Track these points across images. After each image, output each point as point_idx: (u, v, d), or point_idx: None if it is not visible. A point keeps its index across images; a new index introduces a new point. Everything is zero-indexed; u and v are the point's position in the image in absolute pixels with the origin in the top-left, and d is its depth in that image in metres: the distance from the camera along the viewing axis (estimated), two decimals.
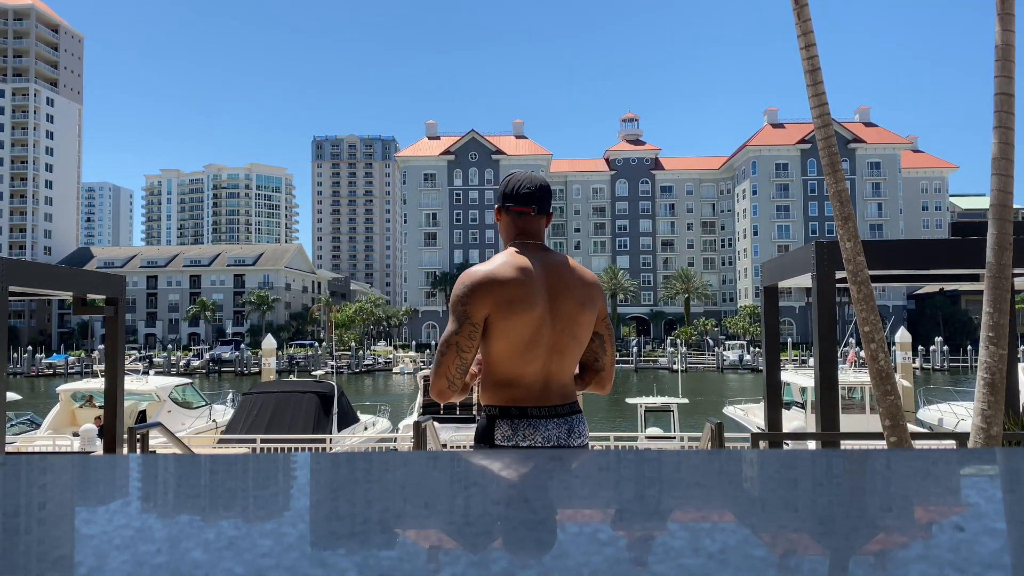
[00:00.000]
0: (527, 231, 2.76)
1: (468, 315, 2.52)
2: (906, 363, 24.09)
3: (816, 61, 5.51)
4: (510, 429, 2.57)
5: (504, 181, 2.84)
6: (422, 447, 8.89)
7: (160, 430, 8.82)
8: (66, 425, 17.54)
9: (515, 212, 2.76)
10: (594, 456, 1.14)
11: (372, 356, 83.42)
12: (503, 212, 2.79)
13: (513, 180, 2.81)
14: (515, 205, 2.76)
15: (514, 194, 2.77)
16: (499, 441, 2.58)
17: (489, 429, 2.60)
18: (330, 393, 16.75)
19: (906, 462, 1.10)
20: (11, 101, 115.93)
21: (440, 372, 2.53)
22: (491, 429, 2.59)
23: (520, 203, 2.76)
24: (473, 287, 2.54)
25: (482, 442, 2.62)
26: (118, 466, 1.12)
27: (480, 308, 2.52)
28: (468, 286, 2.55)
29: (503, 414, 2.59)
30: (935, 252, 8.72)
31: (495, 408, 2.61)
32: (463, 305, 2.53)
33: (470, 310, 2.53)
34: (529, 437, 2.57)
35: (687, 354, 76.77)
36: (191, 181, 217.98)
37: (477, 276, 2.57)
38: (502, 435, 2.58)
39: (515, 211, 2.76)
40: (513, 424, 2.58)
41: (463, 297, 2.53)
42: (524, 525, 0.75)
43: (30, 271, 9.01)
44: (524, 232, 2.76)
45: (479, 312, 2.53)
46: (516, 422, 2.58)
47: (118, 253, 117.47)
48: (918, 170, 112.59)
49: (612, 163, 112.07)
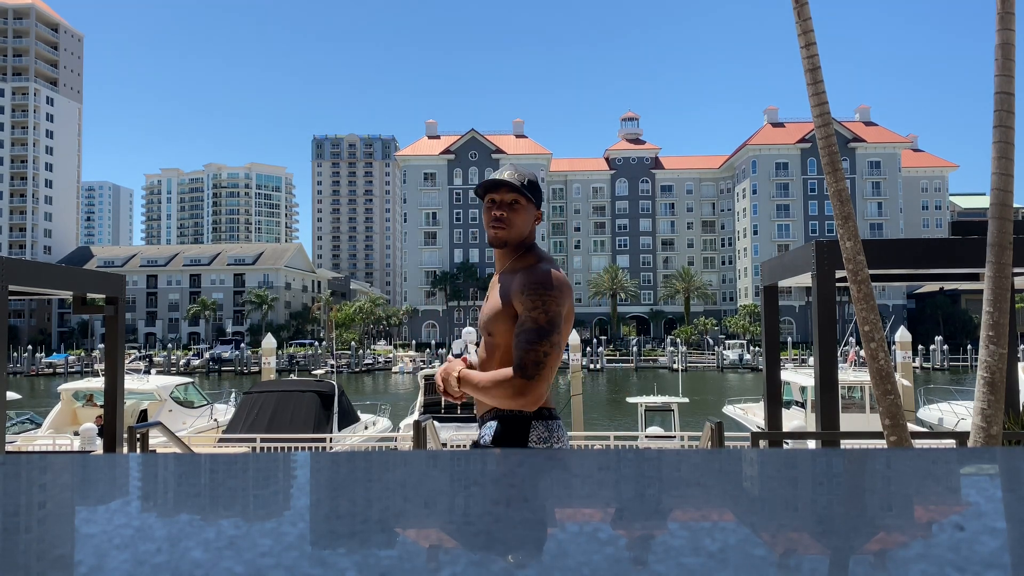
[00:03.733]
0: (534, 236, 2.75)
1: (560, 320, 2.48)
2: (906, 362, 24.07)
3: (816, 60, 5.51)
4: (546, 431, 2.53)
5: (537, 181, 2.73)
6: (422, 446, 8.90)
7: (160, 429, 8.83)
8: (67, 424, 17.55)
9: (537, 219, 2.72)
10: (594, 456, 1.14)
11: (372, 355, 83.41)
12: (534, 209, 2.70)
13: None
14: (539, 213, 2.73)
15: (541, 198, 2.73)
16: (533, 443, 2.52)
17: (522, 430, 2.52)
18: (331, 392, 16.75)
19: (906, 461, 1.10)
20: (11, 100, 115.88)
21: (546, 375, 2.43)
22: (524, 431, 2.52)
23: (540, 204, 2.73)
24: (566, 293, 2.51)
25: (509, 444, 2.53)
26: (118, 465, 1.12)
27: (564, 312, 2.51)
28: (563, 291, 2.50)
29: (537, 415, 2.53)
30: (935, 251, 8.71)
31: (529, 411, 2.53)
32: (558, 307, 2.47)
33: (562, 315, 2.49)
34: (562, 439, 2.55)
35: (687, 353, 76.76)
36: (191, 180, 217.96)
37: (567, 284, 2.53)
38: (538, 436, 2.52)
39: (537, 218, 2.72)
40: (548, 425, 2.54)
41: (559, 300, 2.48)
42: (524, 524, 0.75)
43: (30, 270, 9.01)
44: (533, 237, 2.73)
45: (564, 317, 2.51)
46: (550, 423, 2.54)
47: (118, 252, 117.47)
48: (918, 169, 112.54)
49: (612, 162, 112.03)
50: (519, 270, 2.58)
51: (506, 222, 2.62)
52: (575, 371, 22.80)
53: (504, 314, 2.55)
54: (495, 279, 2.71)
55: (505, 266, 2.67)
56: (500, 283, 2.63)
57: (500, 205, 2.64)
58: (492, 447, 2.55)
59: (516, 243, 2.66)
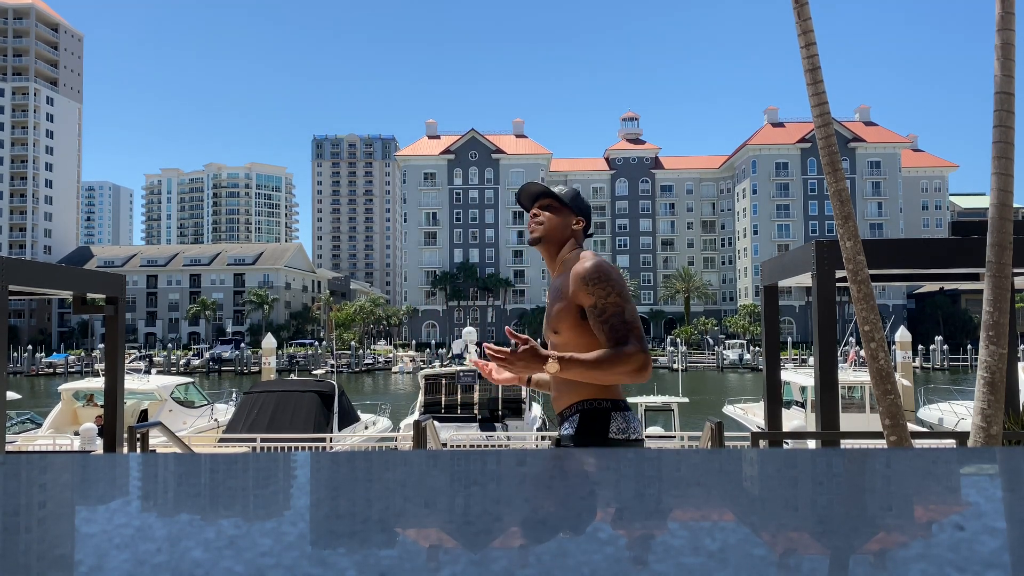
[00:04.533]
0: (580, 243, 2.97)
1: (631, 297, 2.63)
2: (906, 362, 24.08)
3: (816, 60, 5.51)
4: (624, 422, 2.61)
5: (579, 195, 2.97)
6: (422, 446, 8.90)
7: (160, 429, 8.83)
8: (68, 424, 17.55)
9: (584, 229, 2.94)
10: (595, 455, 1.14)
11: (372, 355, 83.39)
12: (574, 216, 2.91)
13: (583, 195, 2.99)
14: (587, 220, 2.95)
15: (586, 210, 2.96)
16: (614, 434, 2.60)
17: (603, 422, 2.60)
18: (331, 392, 16.74)
19: (906, 461, 1.10)
20: (11, 100, 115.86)
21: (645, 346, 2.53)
22: (605, 422, 2.60)
23: (587, 217, 2.97)
24: (621, 276, 2.68)
25: (591, 435, 2.60)
26: (117, 465, 1.12)
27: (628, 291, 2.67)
28: (619, 275, 2.68)
29: (615, 407, 2.62)
30: (935, 251, 8.71)
31: (607, 401, 2.62)
32: (623, 286, 2.63)
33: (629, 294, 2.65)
34: (638, 431, 2.65)
35: (687, 353, 76.76)
36: (191, 180, 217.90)
37: (617, 269, 2.72)
38: (617, 428, 2.60)
39: (586, 229, 2.95)
40: (625, 416, 2.63)
41: (622, 281, 2.65)
42: (524, 524, 0.75)
43: (30, 270, 9.01)
44: (580, 240, 2.95)
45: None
46: (626, 414, 2.64)
47: (118, 252, 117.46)
48: (918, 169, 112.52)
49: (612, 162, 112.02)
50: (568, 269, 2.74)
51: (540, 221, 2.87)
52: None
53: (566, 310, 2.67)
54: (551, 285, 2.87)
55: (556, 269, 2.86)
56: (554, 285, 2.80)
57: (537, 209, 2.92)
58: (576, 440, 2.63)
59: (554, 244, 2.86)
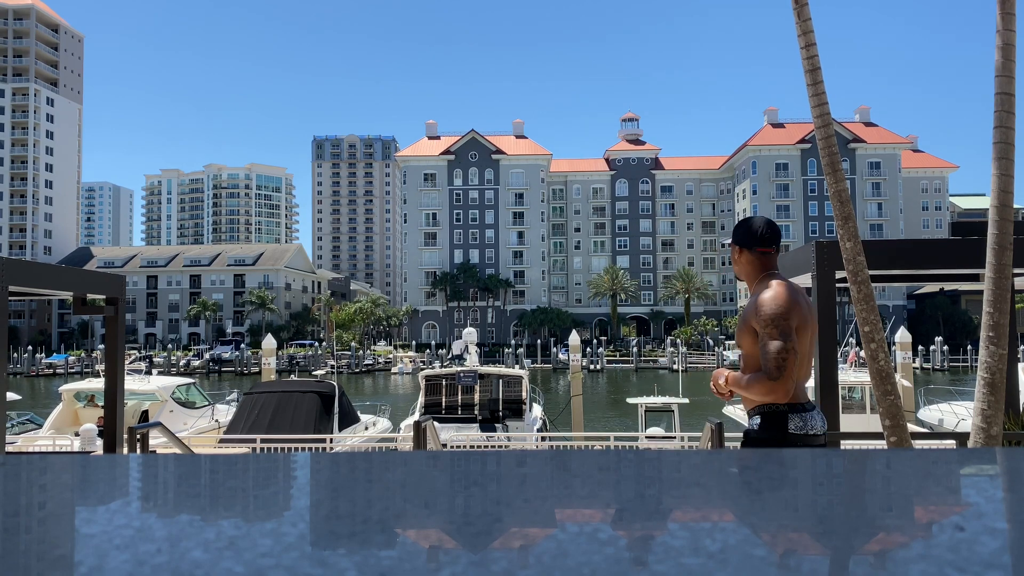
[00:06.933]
0: (770, 265, 3.47)
1: (791, 331, 3.19)
2: (906, 363, 24.05)
3: (816, 61, 5.51)
4: (801, 421, 3.24)
5: (746, 225, 3.55)
6: (422, 447, 8.90)
7: (160, 430, 8.83)
8: (68, 425, 17.55)
9: (760, 252, 3.46)
10: (594, 456, 1.14)
11: (372, 356, 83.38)
12: (746, 251, 3.49)
13: (755, 224, 3.52)
14: (762, 247, 3.46)
15: (759, 237, 3.47)
16: (792, 430, 3.24)
17: (781, 421, 3.23)
18: (331, 393, 16.75)
19: (906, 462, 1.10)
20: (11, 101, 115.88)
21: (788, 375, 3.14)
22: (784, 420, 3.24)
23: (766, 245, 3.49)
24: (791, 308, 3.23)
25: (773, 432, 3.24)
26: (117, 466, 1.12)
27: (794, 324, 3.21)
28: (786, 307, 3.24)
29: (792, 408, 3.25)
30: (935, 252, 8.71)
31: (784, 405, 3.24)
32: (786, 321, 3.20)
33: (791, 326, 3.20)
34: (816, 427, 3.28)
35: (687, 354, 76.74)
36: (191, 181, 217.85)
37: (788, 299, 3.26)
38: (795, 425, 3.24)
39: (761, 251, 3.46)
40: (803, 416, 3.25)
41: (785, 316, 3.21)
42: (524, 525, 0.75)
43: (30, 271, 9.01)
44: (768, 266, 3.46)
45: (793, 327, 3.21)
46: (804, 415, 3.25)
47: (118, 253, 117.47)
48: (918, 170, 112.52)
49: (612, 163, 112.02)
50: (756, 294, 3.36)
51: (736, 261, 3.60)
52: (575, 372, 22.78)
53: (746, 331, 3.35)
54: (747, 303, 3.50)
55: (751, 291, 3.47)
56: (746, 307, 3.42)
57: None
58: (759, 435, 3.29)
59: (745, 279, 3.52)
